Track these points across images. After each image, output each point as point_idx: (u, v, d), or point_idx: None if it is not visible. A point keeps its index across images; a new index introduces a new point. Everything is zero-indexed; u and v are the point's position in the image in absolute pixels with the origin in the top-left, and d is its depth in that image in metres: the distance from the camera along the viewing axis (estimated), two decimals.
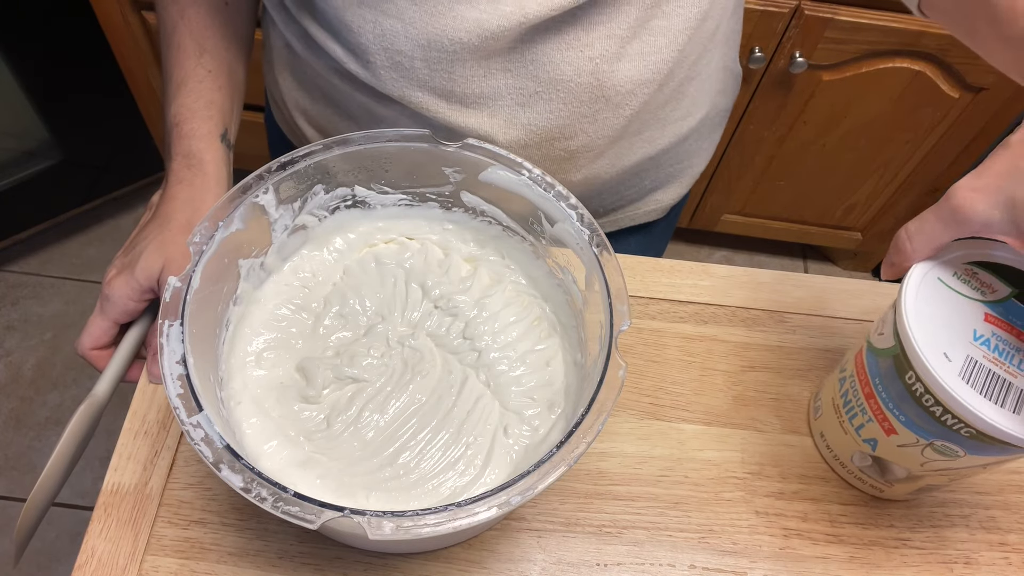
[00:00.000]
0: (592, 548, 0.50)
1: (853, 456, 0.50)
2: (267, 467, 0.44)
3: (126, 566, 0.47)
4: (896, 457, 0.46)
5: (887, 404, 0.44)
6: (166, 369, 0.39)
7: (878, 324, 0.46)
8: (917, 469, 0.46)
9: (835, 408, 0.50)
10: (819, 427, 0.53)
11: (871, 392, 0.45)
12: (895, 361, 0.43)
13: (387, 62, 0.50)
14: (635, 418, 0.55)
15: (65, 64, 1.29)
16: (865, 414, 0.47)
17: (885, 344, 0.44)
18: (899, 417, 0.44)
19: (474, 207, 0.53)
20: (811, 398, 0.55)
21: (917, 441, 0.43)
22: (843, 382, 0.49)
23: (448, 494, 0.44)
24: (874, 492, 0.52)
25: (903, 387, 0.42)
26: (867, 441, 0.47)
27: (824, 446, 0.53)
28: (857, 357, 0.48)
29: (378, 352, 0.49)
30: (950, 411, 0.40)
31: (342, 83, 0.55)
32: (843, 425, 0.49)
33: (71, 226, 1.58)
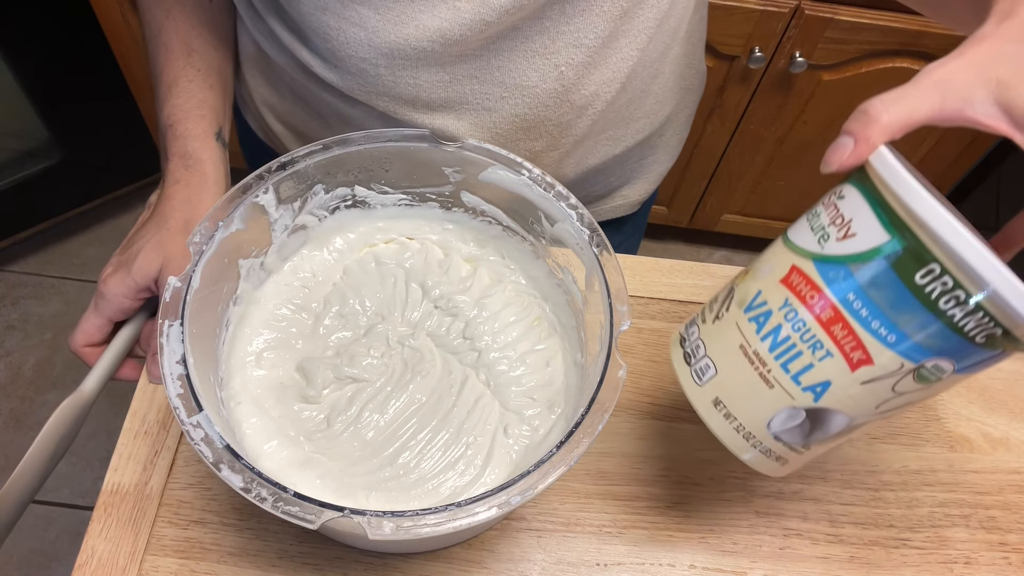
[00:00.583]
0: (592, 548, 0.50)
1: (774, 418, 0.38)
2: (267, 467, 0.44)
3: (126, 566, 0.47)
4: (848, 401, 0.37)
5: (868, 324, 0.35)
6: (166, 369, 0.39)
7: (823, 228, 0.37)
8: (867, 413, 0.38)
9: (751, 359, 0.38)
10: (709, 394, 0.40)
11: (838, 316, 0.35)
12: (894, 261, 0.34)
13: (352, 68, 0.51)
14: (635, 418, 0.55)
15: (65, 64, 1.29)
16: (819, 349, 0.36)
17: (866, 244, 0.35)
18: (887, 337, 0.35)
19: (474, 207, 0.53)
20: (674, 362, 0.42)
21: (900, 367, 0.35)
22: (763, 321, 0.38)
23: (448, 494, 0.44)
24: (769, 469, 0.41)
25: (906, 292, 0.34)
26: (810, 389, 0.37)
27: (721, 416, 0.40)
28: (792, 281, 0.37)
29: (378, 352, 0.49)
30: (996, 302, 0.32)
31: (310, 83, 0.55)
32: (767, 377, 0.38)
33: (71, 226, 1.58)
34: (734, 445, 0.40)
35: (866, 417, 0.38)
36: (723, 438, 0.40)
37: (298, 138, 0.62)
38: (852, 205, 0.36)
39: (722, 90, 1.26)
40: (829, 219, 0.37)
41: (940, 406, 0.58)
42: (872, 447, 0.55)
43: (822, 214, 0.37)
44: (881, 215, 0.34)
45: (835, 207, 0.37)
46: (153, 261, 0.50)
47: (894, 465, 0.55)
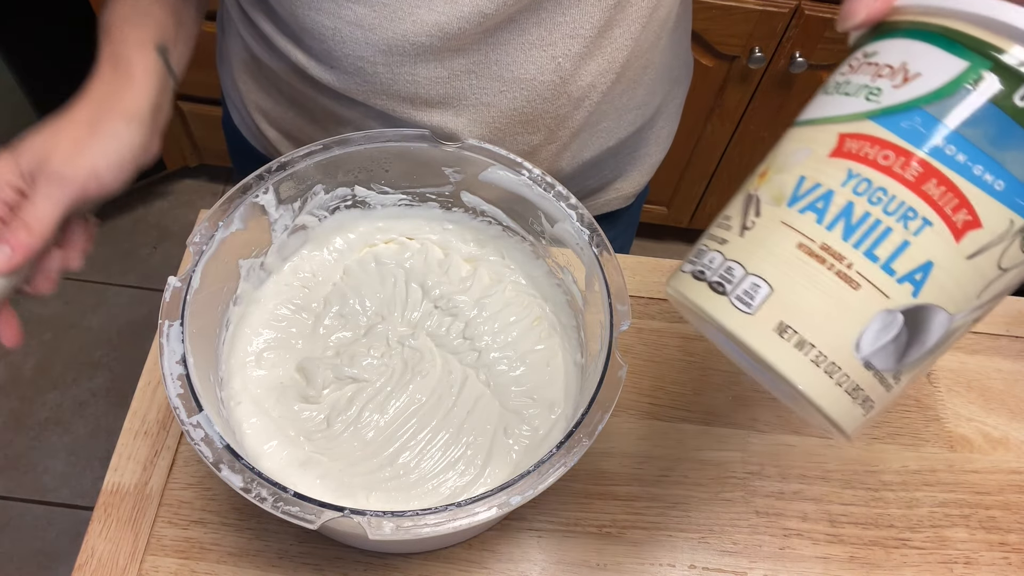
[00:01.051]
0: (592, 548, 0.50)
1: (864, 332, 0.29)
2: (267, 467, 0.44)
3: (126, 566, 0.47)
4: (952, 288, 0.29)
5: (968, 171, 0.28)
6: (166, 369, 0.39)
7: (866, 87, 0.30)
8: (969, 306, 0.30)
9: (819, 257, 0.29)
10: (768, 320, 0.29)
11: (929, 169, 0.28)
12: (984, 87, 0.27)
13: (349, 68, 0.50)
14: (635, 418, 0.55)
15: (65, 64, 1.29)
16: (913, 219, 0.28)
17: (939, 79, 0.28)
18: (994, 184, 0.28)
19: (474, 207, 0.53)
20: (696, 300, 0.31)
21: (1010, 226, 0.28)
22: (823, 207, 0.29)
23: (448, 494, 0.44)
24: (851, 420, 0.30)
25: (1007, 121, 0.27)
26: (907, 278, 0.28)
27: (792, 348, 0.29)
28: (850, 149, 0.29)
29: (378, 352, 0.49)
30: None
31: (304, 86, 0.55)
32: (849, 275, 0.28)
33: None
34: (814, 387, 0.29)
35: (966, 313, 0.30)
36: (798, 379, 0.29)
37: (293, 143, 0.62)
38: (898, 51, 0.29)
39: (722, 90, 1.26)
40: (870, 76, 0.30)
41: (940, 406, 0.58)
42: (872, 447, 0.55)
43: (852, 79, 0.30)
44: (946, 43, 0.28)
45: (870, 64, 0.30)
46: (40, 144, 0.44)
47: (894, 465, 0.55)
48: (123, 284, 1.54)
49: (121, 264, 1.56)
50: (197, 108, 1.43)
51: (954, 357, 0.60)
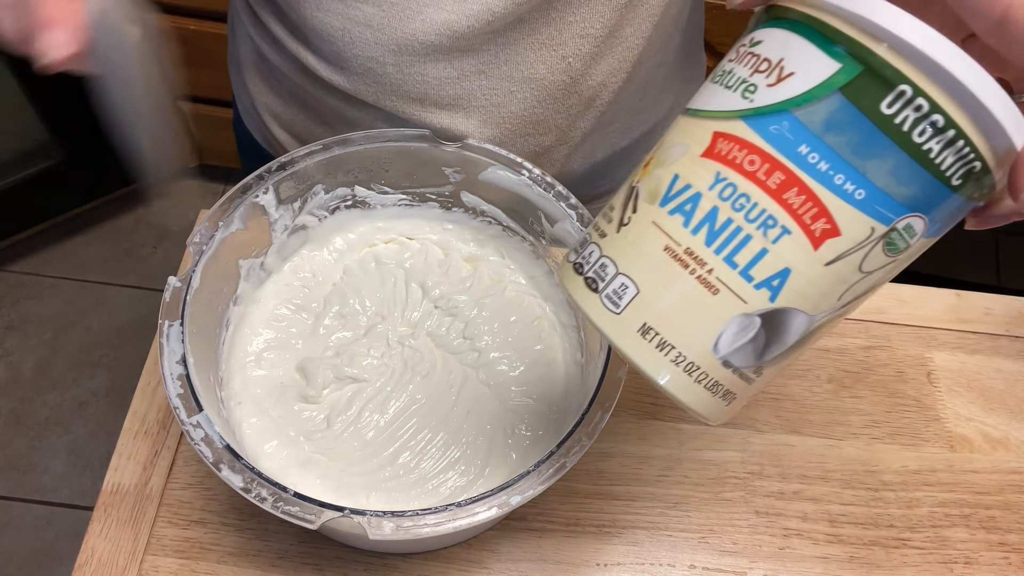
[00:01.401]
0: (592, 548, 0.50)
1: (722, 335, 0.29)
2: (267, 467, 0.44)
3: (126, 566, 0.47)
4: (811, 293, 0.29)
5: (829, 180, 0.28)
6: (166, 369, 0.39)
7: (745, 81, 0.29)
8: (829, 307, 0.30)
9: (683, 261, 0.29)
10: (633, 321, 0.30)
11: (791, 177, 0.28)
12: (852, 91, 0.27)
13: (359, 68, 0.50)
14: (635, 418, 0.55)
15: None
16: (772, 227, 0.28)
17: (811, 80, 0.27)
18: (854, 193, 0.28)
19: (474, 207, 0.53)
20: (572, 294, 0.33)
21: (870, 233, 0.28)
22: (690, 209, 0.29)
23: (448, 494, 0.44)
24: (714, 412, 0.32)
25: (872, 128, 0.27)
26: (765, 284, 0.29)
27: (653, 348, 0.30)
28: (720, 150, 0.29)
29: (378, 352, 0.49)
30: (981, 124, 0.26)
31: (314, 88, 0.55)
32: (708, 280, 0.29)
33: (71, 226, 1.58)
34: (675, 384, 0.30)
35: (827, 313, 0.30)
36: (659, 377, 0.30)
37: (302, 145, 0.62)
38: (778, 45, 0.29)
39: None
40: (750, 69, 0.29)
41: (940, 406, 0.58)
42: (872, 447, 0.55)
43: (736, 69, 0.30)
44: (822, 40, 0.27)
45: (752, 55, 0.29)
46: None
47: (894, 465, 0.55)
48: (123, 284, 1.54)
49: (121, 264, 1.56)
50: (197, 108, 1.43)
51: (954, 357, 0.60)
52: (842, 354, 0.60)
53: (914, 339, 0.61)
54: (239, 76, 0.63)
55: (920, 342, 0.61)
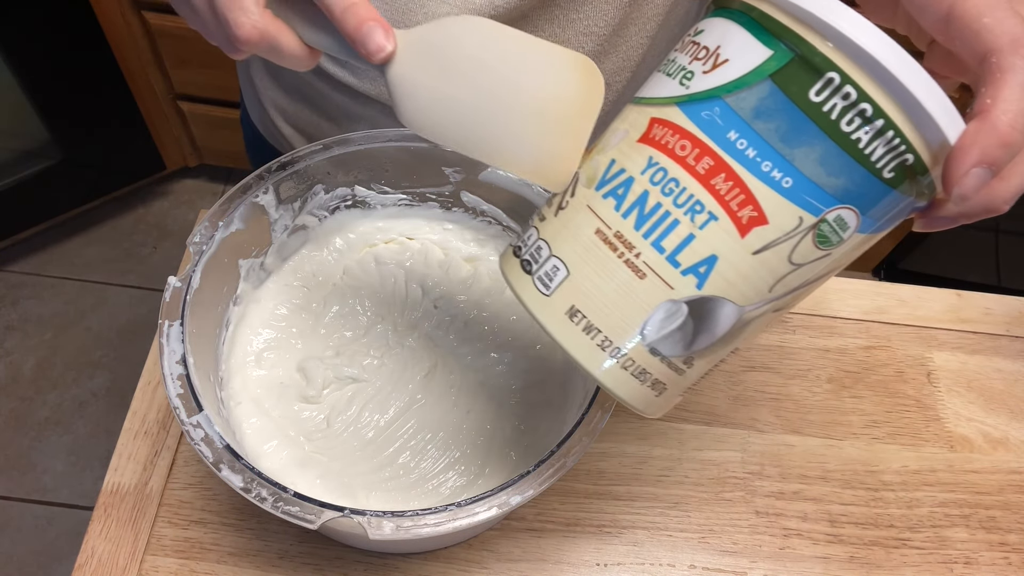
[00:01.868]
0: (592, 548, 0.50)
1: (649, 320, 0.29)
2: (267, 467, 0.44)
3: (126, 566, 0.47)
4: (739, 282, 0.29)
5: (756, 167, 0.27)
6: (166, 369, 0.39)
7: (684, 69, 0.29)
8: (760, 299, 0.30)
9: (612, 244, 0.29)
10: (561, 303, 0.30)
11: (719, 163, 0.28)
12: (782, 78, 0.27)
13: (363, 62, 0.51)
14: (635, 418, 0.55)
15: (65, 64, 1.29)
16: (699, 212, 0.28)
17: (743, 67, 0.27)
18: (781, 181, 0.27)
19: (474, 207, 0.53)
20: (508, 277, 0.33)
21: (799, 223, 0.28)
22: (623, 193, 0.29)
23: (448, 494, 0.44)
24: (645, 402, 0.32)
25: (800, 115, 0.27)
26: (692, 271, 0.29)
27: (580, 332, 0.30)
28: (655, 135, 0.29)
29: (378, 352, 0.49)
30: (911, 114, 0.26)
31: (319, 83, 0.55)
32: (636, 264, 0.29)
33: (71, 226, 1.58)
34: (601, 370, 0.30)
35: (759, 306, 0.30)
36: (585, 362, 0.30)
37: (308, 140, 0.62)
38: (717, 33, 0.29)
39: None
40: (689, 57, 0.29)
41: (940, 406, 0.58)
42: (872, 447, 0.55)
43: (678, 58, 0.30)
44: (756, 28, 0.27)
45: (694, 44, 0.30)
46: None
47: (894, 465, 0.55)
48: (123, 284, 1.54)
49: (121, 264, 1.56)
50: (197, 108, 1.43)
51: (954, 357, 0.60)
52: (842, 354, 0.60)
53: (914, 339, 0.61)
54: (245, 71, 0.64)
55: (920, 342, 0.61)
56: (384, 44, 0.34)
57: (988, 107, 0.26)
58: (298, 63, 0.36)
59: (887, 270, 1.60)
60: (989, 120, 0.26)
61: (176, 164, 1.58)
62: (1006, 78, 0.26)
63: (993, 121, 0.25)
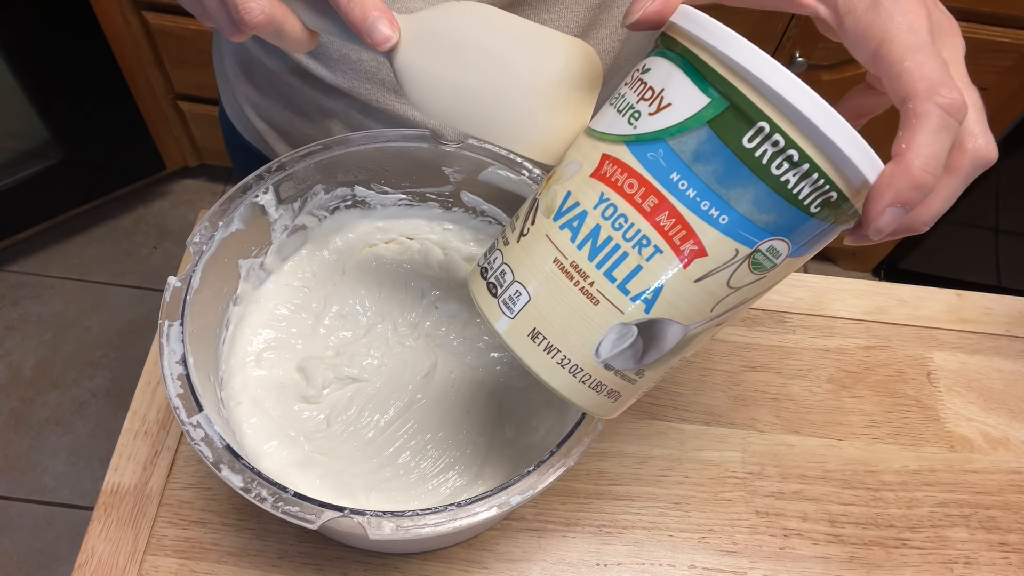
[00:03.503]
0: (592, 548, 0.50)
1: (602, 342, 0.33)
2: (267, 467, 0.44)
3: (126, 566, 0.47)
4: (683, 306, 0.32)
5: (696, 206, 0.30)
6: (166, 369, 0.39)
7: (632, 108, 0.32)
8: (703, 319, 0.33)
9: (568, 273, 0.32)
10: (524, 326, 0.33)
11: (663, 202, 0.30)
12: (718, 125, 0.29)
13: (335, 54, 0.51)
14: (635, 418, 0.55)
15: (65, 64, 1.29)
16: (646, 246, 0.31)
17: (683, 113, 0.30)
18: (718, 219, 0.30)
19: (474, 207, 0.53)
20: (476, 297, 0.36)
21: (735, 255, 0.31)
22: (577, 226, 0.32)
23: (448, 494, 0.44)
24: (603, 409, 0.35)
25: (734, 160, 0.29)
26: (640, 297, 0.32)
27: (541, 352, 0.33)
28: (606, 172, 0.32)
29: (378, 352, 0.49)
30: (832, 159, 0.29)
31: (292, 78, 0.55)
32: (590, 292, 0.32)
33: (71, 226, 1.58)
34: (560, 384, 0.33)
35: (702, 324, 0.33)
36: (546, 377, 0.33)
37: (281, 136, 0.62)
38: (661, 75, 0.31)
39: None
40: (637, 96, 0.32)
41: (940, 406, 0.58)
42: (872, 447, 0.55)
43: (627, 94, 0.32)
44: (696, 75, 0.30)
45: (641, 83, 0.32)
46: None
47: (894, 465, 0.55)
48: (123, 284, 1.54)
49: (121, 264, 1.56)
50: (197, 108, 1.43)
51: (954, 357, 0.60)
52: (842, 354, 0.60)
53: (914, 339, 0.61)
54: (221, 68, 0.64)
55: (920, 342, 0.61)
56: (390, 34, 0.35)
57: (903, 151, 0.28)
58: (299, 46, 0.37)
59: (887, 270, 1.60)
60: (903, 163, 0.28)
61: (176, 164, 1.58)
62: (920, 123, 0.28)
63: (907, 165, 0.28)
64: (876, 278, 1.61)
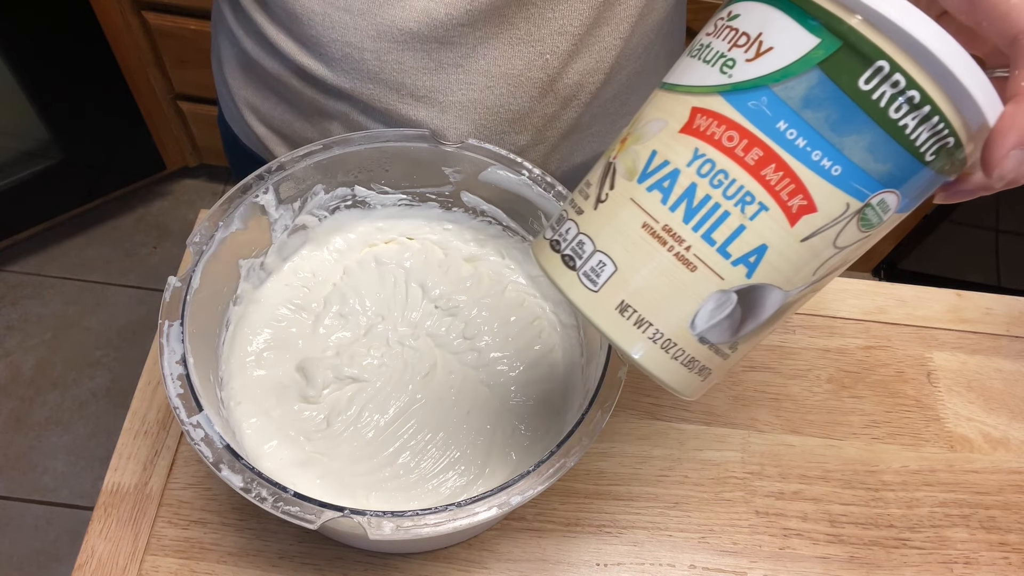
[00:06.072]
0: (592, 548, 0.50)
1: (699, 312, 0.30)
2: (267, 467, 0.44)
3: (126, 566, 0.47)
4: (786, 268, 0.29)
5: (807, 157, 0.28)
6: (166, 369, 0.39)
7: (723, 56, 0.29)
8: (804, 283, 0.30)
9: (660, 238, 0.29)
10: (611, 299, 0.30)
11: (769, 154, 0.28)
12: (831, 67, 0.27)
13: (337, 54, 0.51)
14: (635, 418, 0.55)
15: (65, 64, 1.29)
16: (750, 204, 0.28)
17: (790, 56, 0.27)
18: (831, 170, 0.28)
19: (474, 207, 0.53)
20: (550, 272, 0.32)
21: (846, 209, 0.28)
22: (669, 186, 0.29)
23: (448, 494, 0.44)
24: (690, 387, 0.32)
25: (850, 104, 0.27)
26: (742, 260, 0.29)
27: (631, 326, 0.30)
28: (699, 126, 0.29)
29: (378, 352, 0.49)
30: (956, 100, 0.26)
31: (292, 80, 0.55)
32: (686, 257, 0.29)
33: (71, 226, 1.58)
34: (651, 361, 0.30)
35: (801, 288, 0.31)
36: (636, 355, 0.30)
37: (281, 139, 0.62)
38: (756, 19, 0.28)
39: None
40: (728, 43, 0.29)
41: (940, 406, 0.58)
42: (872, 447, 0.55)
43: (714, 44, 0.30)
44: (800, 15, 0.27)
45: (731, 30, 0.29)
46: None
47: (894, 465, 0.55)
48: (123, 284, 1.54)
49: (121, 264, 1.56)
50: (197, 108, 1.43)
51: (954, 357, 0.60)
52: (842, 354, 0.60)
53: (914, 339, 0.61)
54: (220, 71, 0.64)
55: (920, 342, 0.61)
56: None
57: (1023, 89, 0.26)
58: None
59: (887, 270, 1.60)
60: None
61: (176, 164, 1.58)
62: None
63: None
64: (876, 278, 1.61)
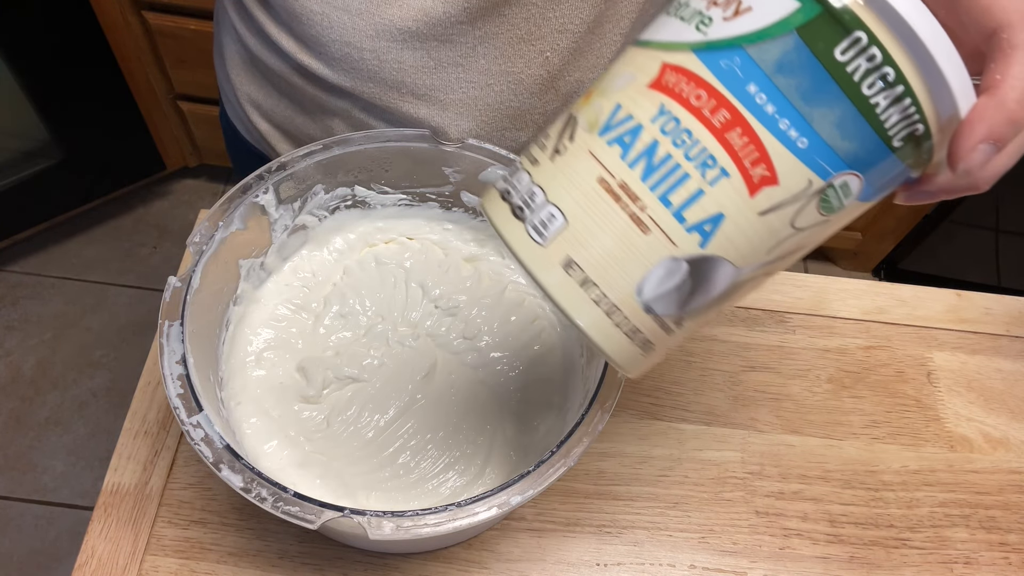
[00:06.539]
0: (592, 548, 0.50)
1: (647, 278, 0.28)
2: (267, 467, 0.44)
3: (126, 566, 0.47)
4: (741, 242, 0.28)
5: (774, 124, 0.26)
6: (166, 369, 0.39)
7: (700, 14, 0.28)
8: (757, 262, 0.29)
9: (615, 195, 0.28)
10: (556, 254, 0.28)
11: (736, 117, 0.26)
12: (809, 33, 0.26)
13: (337, 53, 0.51)
14: (635, 418, 0.55)
15: (65, 64, 1.29)
16: (711, 167, 0.27)
17: (768, 17, 0.26)
18: (797, 141, 0.26)
19: (474, 207, 0.53)
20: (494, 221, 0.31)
21: (808, 186, 0.27)
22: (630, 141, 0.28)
23: (448, 494, 0.44)
24: (630, 361, 0.31)
25: (823, 74, 0.26)
26: (697, 228, 0.28)
27: (575, 285, 0.29)
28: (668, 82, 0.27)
29: (378, 352, 0.49)
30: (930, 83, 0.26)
31: (294, 77, 0.55)
32: (640, 218, 0.27)
33: (71, 226, 1.58)
34: (591, 325, 0.29)
35: (754, 268, 0.29)
36: (577, 317, 0.29)
37: (283, 136, 0.62)
38: None
39: None
40: (707, 1, 0.28)
41: (940, 406, 0.58)
42: (872, 447, 0.55)
43: (692, 1, 0.28)
44: None
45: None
46: None
47: (894, 465, 0.55)
48: (123, 284, 1.54)
49: (121, 264, 1.56)
50: (197, 108, 1.43)
51: (954, 357, 0.60)
52: (842, 354, 0.60)
53: (914, 339, 0.61)
54: (223, 68, 0.64)
55: (920, 342, 0.61)
56: None
57: (998, 83, 0.26)
58: None
59: (887, 270, 1.60)
60: (998, 96, 0.26)
61: (176, 164, 1.58)
62: (1016, 54, 0.26)
63: (1002, 97, 0.25)
64: (876, 278, 1.61)
